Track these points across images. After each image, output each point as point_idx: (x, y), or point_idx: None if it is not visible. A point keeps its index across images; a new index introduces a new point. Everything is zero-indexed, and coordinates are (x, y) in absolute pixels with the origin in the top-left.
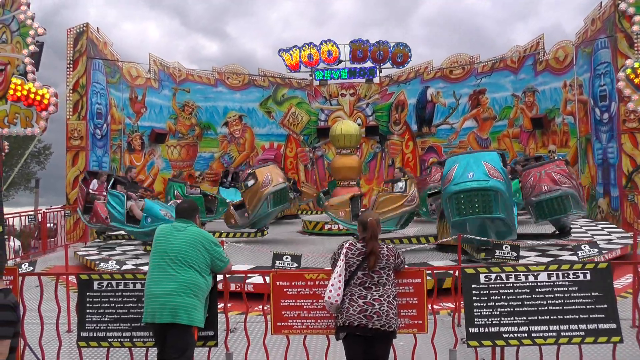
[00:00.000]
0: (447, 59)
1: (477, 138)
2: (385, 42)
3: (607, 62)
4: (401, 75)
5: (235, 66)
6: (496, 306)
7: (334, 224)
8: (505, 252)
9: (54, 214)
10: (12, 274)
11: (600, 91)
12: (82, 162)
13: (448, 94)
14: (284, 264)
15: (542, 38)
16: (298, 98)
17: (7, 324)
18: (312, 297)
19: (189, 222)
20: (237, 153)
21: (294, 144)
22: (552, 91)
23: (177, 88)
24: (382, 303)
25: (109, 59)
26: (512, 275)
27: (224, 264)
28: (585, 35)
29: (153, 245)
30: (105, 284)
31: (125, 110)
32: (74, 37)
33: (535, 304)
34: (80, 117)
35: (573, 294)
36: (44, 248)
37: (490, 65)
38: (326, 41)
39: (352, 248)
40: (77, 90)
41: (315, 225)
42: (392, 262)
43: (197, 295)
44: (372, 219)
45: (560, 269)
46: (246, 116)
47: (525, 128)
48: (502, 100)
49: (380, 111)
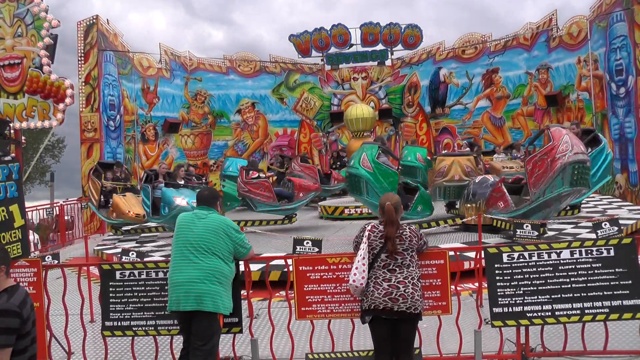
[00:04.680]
0: (459, 39)
1: (491, 117)
2: (396, 24)
3: (623, 36)
4: (413, 56)
5: (246, 53)
6: (519, 285)
7: (353, 209)
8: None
9: (71, 206)
10: (36, 266)
11: (617, 65)
12: (96, 154)
13: (461, 74)
14: (305, 249)
15: (554, 14)
16: (310, 83)
17: (7, 332)
18: (335, 281)
19: (211, 209)
20: (251, 140)
21: (307, 130)
22: (566, 67)
23: (188, 77)
24: (407, 285)
25: (120, 51)
26: (534, 254)
27: (246, 251)
28: (600, 9)
29: (175, 233)
30: (127, 274)
31: (137, 101)
32: (84, 29)
33: (558, 282)
34: (93, 110)
35: (597, 270)
36: (63, 240)
37: (502, 44)
38: (337, 25)
39: (375, 230)
40: (89, 83)
41: (334, 210)
42: (415, 243)
43: (222, 283)
44: (390, 203)
45: (584, 246)
46: (259, 103)
47: (540, 106)
48: (515, 79)
49: (393, 94)
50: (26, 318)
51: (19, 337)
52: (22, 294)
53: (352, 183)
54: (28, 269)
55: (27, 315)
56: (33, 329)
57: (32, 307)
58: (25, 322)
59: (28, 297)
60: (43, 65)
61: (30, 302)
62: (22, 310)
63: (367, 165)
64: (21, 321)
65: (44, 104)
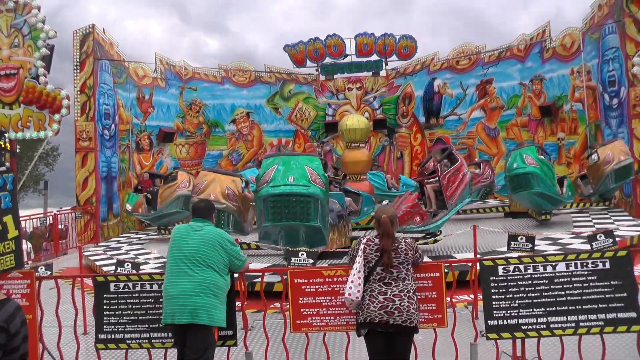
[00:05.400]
0: (453, 50)
1: (485, 128)
2: (391, 34)
3: (615, 48)
4: (407, 67)
5: (241, 63)
6: (514, 298)
7: None
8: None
9: (65, 215)
10: (29, 277)
11: (609, 76)
12: (91, 163)
13: (455, 85)
14: (299, 261)
15: (548, 25)
16: (305, 93)
17: None
18: (330, 294)
19: (206, 221)
20: (246, 150)
21: (302, 140)
22: (559, 78)
23: (183, 86)
24: (403, 298)
25: (116, 60)
26: (530, 267)
27: (241, 263)
28: (592, 21)
29: (170, 245)
30: (121, 286)
31: (132, 110)
32: (80, 38)
33: (553, 295)
34: (88, 119)
35: (592, 283)
36: (56, 250)
37: (496, 55)
38: (331, 35)
39: (370, 244)
40: (85, 92)
41: None
42: (410, 256)
43: (217, 295)
44: (386, 215)
45: (579, 259)
46: (253, 113)
47: (534, 116)
48: (509, 89)
49: (388, 104)
50: (14, 333)
51: (6, 353)
52: (12, 308)
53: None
54: (21, 281)
55: (15, 330)
56: (24, 345)
57: (23, 321)
58: (12, 337)
59: (19, 311)
60: (39, 76)
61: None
62: (9, 325)
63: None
64: (7, 336)
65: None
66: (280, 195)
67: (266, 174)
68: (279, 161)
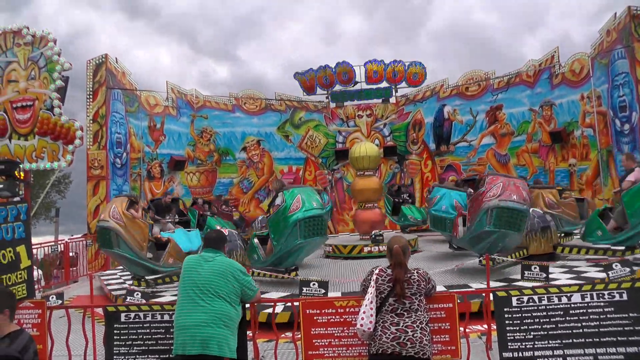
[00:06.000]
0: (462, 76)
1: (495, 154)
2: (400, 61)
3: (625, 73)
4: (417, 94)
5: (251, 91)
6: (529, 330)
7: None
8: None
9: (76, 243)
10: (40, 307)
11: (620, 102)
12: (102, 192)
13: (465, 111)
14: (311, 291)
15: (556, 51)
16: (315, 121)
17: None
18: (343, 325)
19: (218, 252)
20: (256, 178)
21: (312, 167)
22: (569, 104)
23: (195, 115)
24: (415, 330)
25: (128, 89)
26: (544, 297)
27: (253, 293)
28: (601, 46)
29: (181, 276)
30: (132, 316)
31: (144, 138)
32: (93, 68)
33: (569, 327)
34: (100, 147)
35: (609, 315)
36: (67, 277)
37: (505, 81)
38: (341, 63)
39: (382, 274)
40: (97, 121)
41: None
42: (423, 287)
43: (228, 326)
44: (398, 245)
45: (595, 289)
46: (264, 140)
47: (544, 142)
48: (519, 115)
49: (398, 131)
50: None
51: None
52: (25, 339)
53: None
54: (32, 311)
55: None
56: None
57: (35, 352)
58: None
59: (32, 342)
60: (54, 107)
61: (33, 347)
62: (23, 356)
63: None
64: None
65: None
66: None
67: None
68: (299, 191)
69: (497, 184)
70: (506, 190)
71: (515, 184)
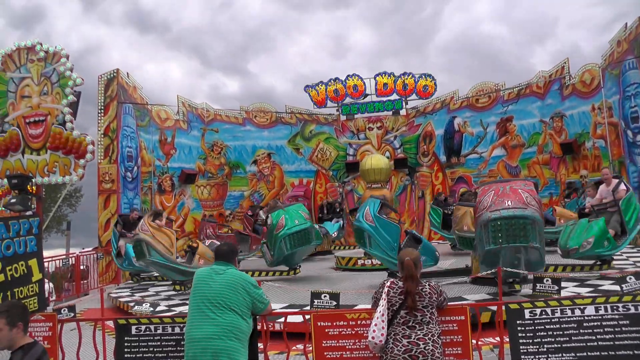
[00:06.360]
0: (472, 88)
1: (506, 166)
2: (410, 73)
3: (636, 83)
4: (427, 106)
5: (262, 104)
6: (543, 342)
7: (367, 259)
8: (547, 285)
9: (87, 256)
10: (52, 320)
11: (632, 112)
12: (113, 205)
13: (475, 123)
14: (322, 303)
15: (566, 62)
16: (326, 133)
17: None
18: (354, 337)
19: (229, 264)
20: (267, 191)
21: (323, 180)
22: (580, 115)
23: (205, 128)
24: (427, 342)
25: (139, 103)
26: (557, 310)
27: (264, 306)
28: (612, 57)
29: (192, 288)
30: (143, 329)
31: (155, 152)
32: (104, 83)
33: (583, 340)
34: (111, 161)
35: (624, 328)
36: (78, 290)
37: (516, 92)
38: (351, 76)
39: (394, 287)
40: (108, 135)
41: (348, 261)
42: (434, 299)
43: (239, 338)
44: (409, 258)
45: (609, 302)
46: (275, 153)
47: (555, 154)
48: (530, 127)
49: (408, 143)
50: None
51: None
52: (38, 352)
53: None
54: (43, 323)
55: None
56: None
57: None
58: None
59: (45, 355)
60: (66, 122)
61: None
62: None
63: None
64: None
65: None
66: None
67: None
68: (284, 212)
69: (488, 194)
70: (499, 197)
71: (512, 188)
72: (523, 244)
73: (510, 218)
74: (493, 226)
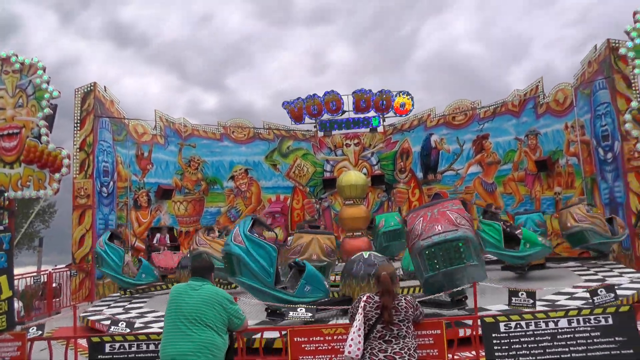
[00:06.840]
0: (449, 106)
1: (482, 183)
2: (388, 91)
3: (606, 103)
4: (405, 123)
5: (240, 120)
6: (518, 355)
7: None
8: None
9: (59, 273)
10: (21, 339)
11: (602, 131)
12: (88, 221)
13: (452, 140)
14: (298, 314)
15: (541, 81)
16: (303, 149)
17: None
18: (331, 353)
19: (205, 280)
20: (244, 207)
21: (300, 196)
22: (554, 133)
23: (182, 143)
24: (403, 356)
25: (116, 117)
26: (532, 323)
27: (241, 322)
28: (583, 77)
29: (168, 304)
30: (117, 346)
31: (131, 167)
32: (81, 96)
33: (557, 352)
34: (87, 176)
35: (596, 339)
36: (49, 309)
37: (492, 110)
38: (329, 92)
39: (370, 301)
40: (84, 149)
41: None
42: (410, 314)
43: (215, 355)
44: (386, 273)
45: (581, 314)
46: (252, 169)
47: (530, 171)
48: (505, 144)
49: (385, 160)
50: None
51: None
52: None
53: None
54: (11, 343)
55: None
56: None
57: None
58: None
59: None
60: (41, 135)
61: None
62: None
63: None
64: None
65: (40, 173)
66: None
67: None
68: None
69: (417, 221)
70: (428, 224)
71: (440, 211)
72: (460, 265)
73: (443, 242)
74: (427, 254)
